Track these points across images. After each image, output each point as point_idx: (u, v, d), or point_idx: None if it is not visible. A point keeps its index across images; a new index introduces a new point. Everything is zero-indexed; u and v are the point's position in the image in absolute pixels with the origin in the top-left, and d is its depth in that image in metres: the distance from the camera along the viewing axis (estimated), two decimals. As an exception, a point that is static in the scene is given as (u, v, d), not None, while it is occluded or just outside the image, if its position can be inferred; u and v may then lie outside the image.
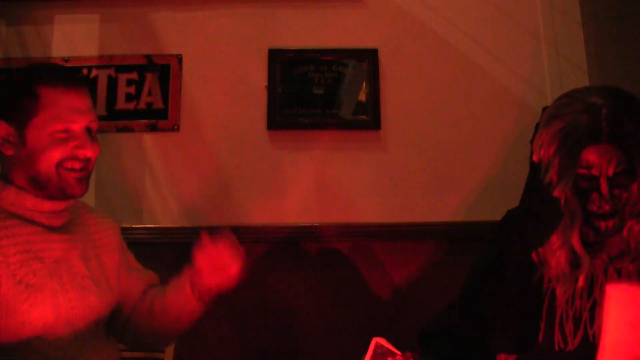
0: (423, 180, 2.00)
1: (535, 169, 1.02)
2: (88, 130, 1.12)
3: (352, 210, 1.99)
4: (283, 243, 1.96)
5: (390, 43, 2.08)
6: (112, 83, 2.07)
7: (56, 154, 1.07)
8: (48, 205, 1.09)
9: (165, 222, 1.97)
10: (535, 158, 1.02)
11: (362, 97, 2.05)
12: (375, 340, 0.99)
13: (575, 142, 0.93)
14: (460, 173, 2.00)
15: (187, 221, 1.98)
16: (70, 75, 1.13)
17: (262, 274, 1.95)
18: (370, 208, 1.99)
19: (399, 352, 0.97)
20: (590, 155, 0.93)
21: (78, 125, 1.10)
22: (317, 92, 2.05)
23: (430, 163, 2.01)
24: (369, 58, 2.06)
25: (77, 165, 1.10)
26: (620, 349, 0.82)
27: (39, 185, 1.08)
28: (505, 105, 2.03)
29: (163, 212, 1.99)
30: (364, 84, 2.05)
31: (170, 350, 1.60)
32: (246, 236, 1.96)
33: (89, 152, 1.10)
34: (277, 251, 1.96)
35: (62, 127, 1.07)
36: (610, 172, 0.92)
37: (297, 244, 1.97)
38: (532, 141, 1.06)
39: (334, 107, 2.05)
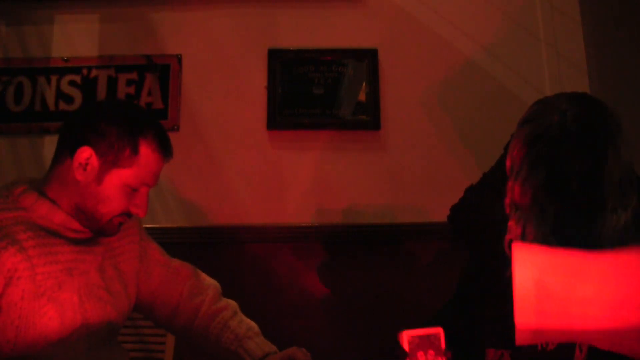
0: (423, 180, 2.00)
1: (502, 173, 1.06)
2: None
3: (352, 210, 2.00)
4: (283, 243, 1.97)
5: (390, 43, 2.09)
6: (112, 83, 2.08)
7: (120, 207, 1.08)
8: (76, 225, 1.09)
9: (165, 222, 1.97)
10: (508, 162, 1.05)
11: (362, 97, 2.05)
12: (405, 333, 0.96)
13: (545, 143, 0.97)
14: (459, 173, 2.00)
15: (187, 221, 1.99)
16: (170, 145, 1.14)
17: (262, 274, 1.95)
18: (370, 208, 2.00)
19: (430, 331, 0.96)
20: (559, 155, 0.96)
21: (148, 188, 1.12)
22: (317, 92, 2.06)
23: (430, 163, 2.01)
24: (368, 58, 2.06)
25: (127, 218, 1.12)
26: (528, 304, 0.87)
27: (85, 216, 1.08)
28: (505, 105, 2.03)
29: (163, 212, 1.99)
30: (364, 84, 2.05)
31: (170, 350, 1.60)
32: (246, 236, 1.97)
33: (142, 214, 1.12)
34: (276, 251, 1.97)
35: (137, 185, 1.09)
36: (578, 169, 0.94)
37: (297, 244, 1.97)
38: (506, 147, 1.11)
39: (333, 107, 2.05)
